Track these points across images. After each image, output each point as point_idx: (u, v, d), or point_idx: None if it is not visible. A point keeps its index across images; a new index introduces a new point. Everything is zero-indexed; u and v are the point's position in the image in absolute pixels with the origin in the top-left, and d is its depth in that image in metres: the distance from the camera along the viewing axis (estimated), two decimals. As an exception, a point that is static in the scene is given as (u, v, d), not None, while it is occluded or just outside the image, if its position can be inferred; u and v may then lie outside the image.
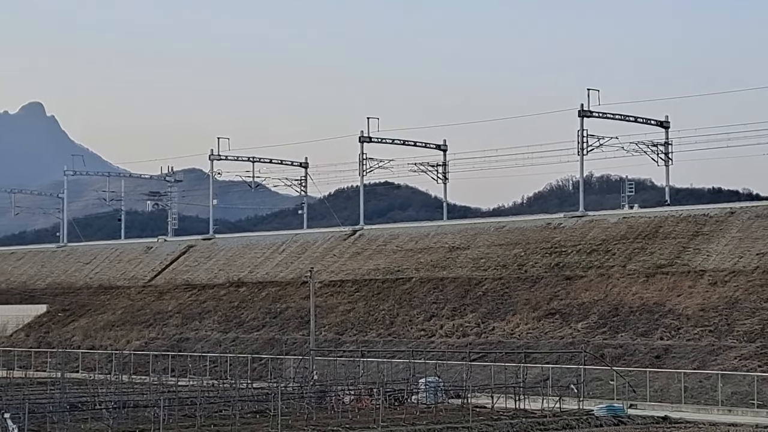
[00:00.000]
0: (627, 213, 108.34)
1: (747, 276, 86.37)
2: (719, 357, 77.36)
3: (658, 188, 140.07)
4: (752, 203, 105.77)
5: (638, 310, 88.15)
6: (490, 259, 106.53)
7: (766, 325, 79.72)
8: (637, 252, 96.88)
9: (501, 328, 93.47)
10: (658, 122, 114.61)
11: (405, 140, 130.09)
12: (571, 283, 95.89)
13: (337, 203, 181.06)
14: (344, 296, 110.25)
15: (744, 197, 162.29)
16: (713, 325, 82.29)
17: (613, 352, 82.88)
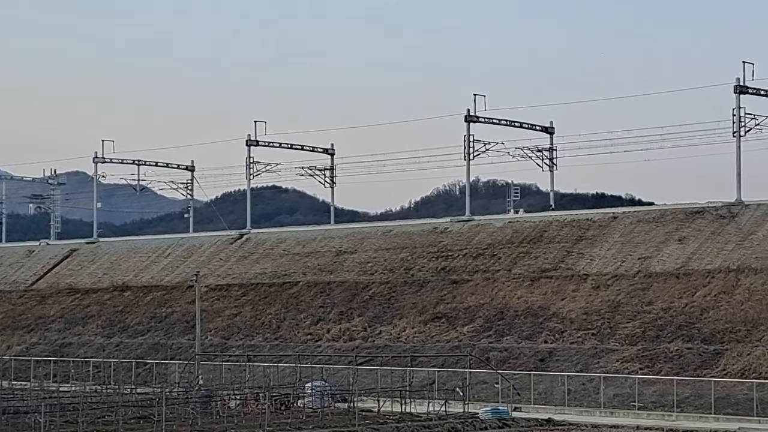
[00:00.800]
0: (512, 218, 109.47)
1: (629, 280, 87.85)
2: (602, 360, 78.53)
3: (544, 193, 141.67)
4: (634, 208, 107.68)
5: (523, 313, 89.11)
6: (377, 264, 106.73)
7: (647, 328, 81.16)
8: (523, 256, 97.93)
9: (388, 332, 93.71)
10: (543, 128, 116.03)
11: (293, 144, 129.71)
12: (458, 287, 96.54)
13: (224, 207, 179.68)
14: (231, 300, 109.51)
15: (626, 202, 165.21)
16: (596, 329, 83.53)
17: (498, 355, 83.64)
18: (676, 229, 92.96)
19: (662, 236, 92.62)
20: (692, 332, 79.02)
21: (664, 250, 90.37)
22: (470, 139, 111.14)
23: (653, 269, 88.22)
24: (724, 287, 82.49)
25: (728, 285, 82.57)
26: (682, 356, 75.48)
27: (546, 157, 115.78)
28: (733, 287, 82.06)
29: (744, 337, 76.18)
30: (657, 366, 75.36)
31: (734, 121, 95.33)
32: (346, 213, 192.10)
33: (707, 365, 73.62)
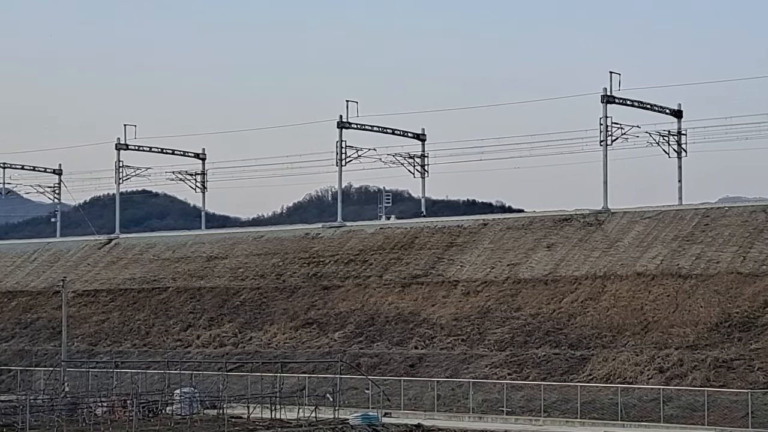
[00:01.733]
0: (384, 224, 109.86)
1: (498, 286, 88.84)
2: (471, 365, 79.25)
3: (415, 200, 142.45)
4: (504, 215, 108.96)
5: (394, 319, 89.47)
6: (248, 269, 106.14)
7: (515, 333, 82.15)
8: (394, 262, 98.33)
9: (258, 338, 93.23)
10: (414, 135, 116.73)
11: (163, 148, 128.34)
12: (329, 292, 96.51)
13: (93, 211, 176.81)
14: (98, 306, 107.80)
15: (497, 209, 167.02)
16: (466, 334, 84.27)
17: (369, 361, 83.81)
18: (545, 236, 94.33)
19: (531, 243, 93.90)
20: (559, 338, 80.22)
21: (533, 257, 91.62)
22: (342, 146, 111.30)
23: (522, 275, 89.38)
24: (590, 293, 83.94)
25: (595, 291, 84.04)
26: (550, 362, 76.58)
27: (418, 164, 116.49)
28: (599, 293, 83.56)
29: (609, 343, 77.60)
30: (525, 371, 76.33)
31: (601, 131, 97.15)
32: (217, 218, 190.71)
33: (574, 370, 74.80)
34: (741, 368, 68.48)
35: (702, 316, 77.24)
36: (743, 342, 72.65)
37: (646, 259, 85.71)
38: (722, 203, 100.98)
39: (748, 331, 73.96)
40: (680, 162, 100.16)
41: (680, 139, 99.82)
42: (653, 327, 78.04)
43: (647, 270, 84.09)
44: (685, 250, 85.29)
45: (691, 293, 79.87)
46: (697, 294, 79.46)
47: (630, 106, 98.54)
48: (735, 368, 68.68)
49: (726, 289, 78.70)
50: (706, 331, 75.58)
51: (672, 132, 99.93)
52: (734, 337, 73.81)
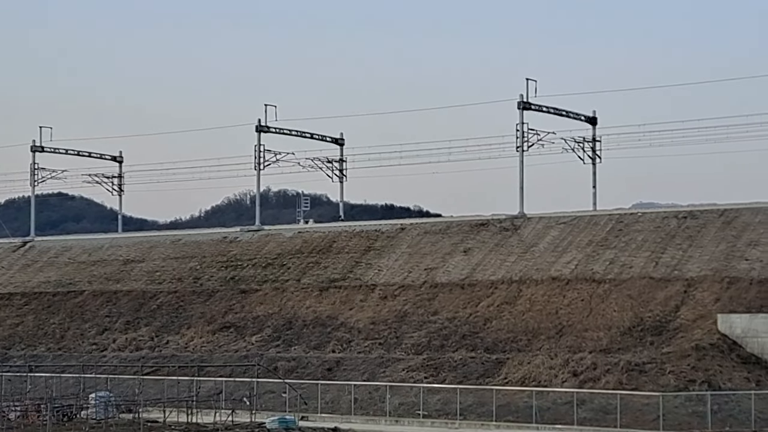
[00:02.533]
0: (302, 228, 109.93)
1: (415, 290, 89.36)
2: (388, 369, 79.60)
3: (334, 204, 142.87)
4: (422, 220, 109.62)
5: (312, 323, 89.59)
6: (165, 272, 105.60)
7: (432, 337, 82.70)
8: (312, 266, 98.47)
9: (175, 342, 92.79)
10: (333, 139, 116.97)
11: (80, 151, 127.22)
12: (247, 296, 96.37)
13: (7, 214, 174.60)
14: (12, 309, 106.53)
15: (415, 214, 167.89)
16: (383, 338, 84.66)
17: (286, 365, 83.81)
18: (462, 240, 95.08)
19: (448, 247, 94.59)
20: (476, 342, 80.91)
21: (450, 261, 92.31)
22: (261, 149, 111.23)
23: (439, 280, 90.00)
24: (506, 298, 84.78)
25: (510, 295, 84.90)
26: (466, 365, 77.21)
27: (336, 168, 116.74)
28: (515, 298, 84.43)
29: (525, 347, 78.43)
30: (441, 375, 76.85)
31: (518, 137, 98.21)
32: (134, 221, 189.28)
33: (489, 374, 75.45)
34: (653, 371, 69.61)
35: (615, 320, 78.40)
36: (655, 346, 73.86)
37: (561, 264, 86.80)
38: (636, 209, 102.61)
39: (660, 335, 75.23)
40: (595, 168, 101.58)
41: (595, 145, 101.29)
42: (568, 331, 79.04)
43: (562, 275, 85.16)
44: (599, 255, 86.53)
45: (604, 298, 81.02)
46: (610, 298, 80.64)
47: (546, 113, 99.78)
48: (647, 371, 69.79)
49: (639, 293, 79.98)
50: (619, 335, 76.71)
51: (587, 138, 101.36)
52: (646, 340, 75.03)
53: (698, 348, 71.22)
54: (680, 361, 70.13)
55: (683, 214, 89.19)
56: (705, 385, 67.54)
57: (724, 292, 76.99)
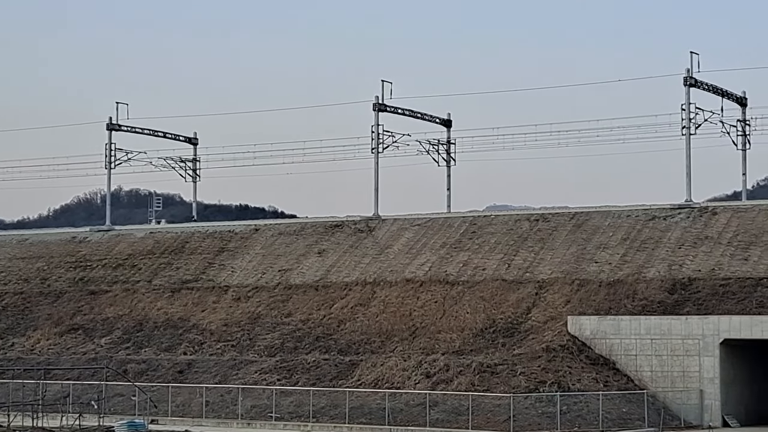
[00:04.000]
0: (154, 228, 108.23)
1: (269, 292, 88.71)
2: (241, 371, 78.80)
3: (187, 204, 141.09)
4: (276, 221, 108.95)
5: (163, 325, 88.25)
6: (11, 273, 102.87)
7: (285, 339, 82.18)
8: (164, 267, 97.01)
9: (21, 344, 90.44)
10: (186, 138, 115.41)
11: None
12: (96, 297, 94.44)
13: None
14: None
15: (269, 214, 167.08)
16: (236, 340, 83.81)
17: (136, 367, 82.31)
18: (316, 242, 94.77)
19: (302, 249, 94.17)
20: (329, 343, 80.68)
21: (304, 263, 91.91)
22: (112, 148, 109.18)
23: (293, 281, 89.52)
24: (360, 299, 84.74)
25: (365, 297, 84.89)
26: (319, 367, 76.88)
27: (189, 168, 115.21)
28: (369, 299, 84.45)
29: (378, 348, 78.48)
30: (295, 377, 76.39)
31: (373, 138, 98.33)
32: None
33: (343, 376, 75.27)
34: (504, 373, 70.25)
35: (468, 321, 79.00)
36: (507, 347, 74.61)
37: (415, 266, 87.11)
38: (489, 211, 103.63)
39: (512, 337, 76.03)
40: (449, 170, 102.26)
41: (449, 148, 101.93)
42: (421, 332, 79.35)
43: (416, 276, 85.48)
44: (453, 257, 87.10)
45: (458, 299, 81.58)
46: (463, 300, 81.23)
47: (402, 115, 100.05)
48: (499, 373, 70.42)
49: (491, 295, 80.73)
50: (471, 337, 77.33)
51: (441, 141, 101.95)
52: (498, 342, 75.75)
53: (549, 349, 72.17)
54: (531, 362, 70.95)
55: (535, 216, 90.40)
56: (555, 386, 68.44)
57: (575, 294, 78.20)
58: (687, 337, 70.06)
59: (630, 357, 71.65)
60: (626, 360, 71.65)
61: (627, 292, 76.63)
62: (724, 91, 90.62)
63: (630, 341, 71.82)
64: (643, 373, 70.89)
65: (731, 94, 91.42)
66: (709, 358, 69.27)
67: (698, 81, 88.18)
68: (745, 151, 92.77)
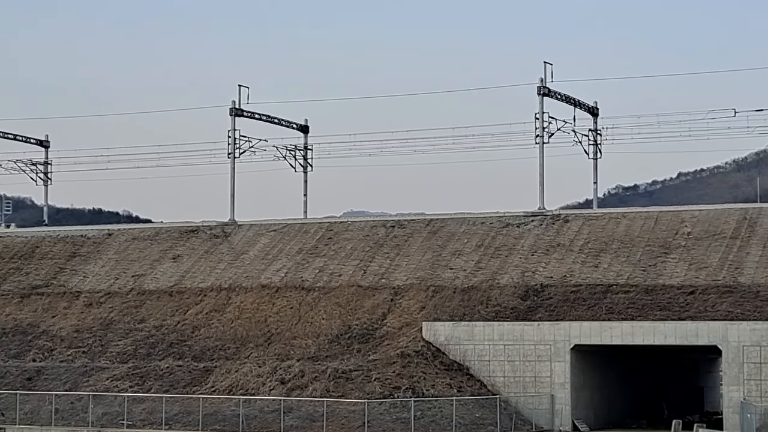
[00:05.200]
0: (3, 232, 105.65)
1: (122, 297, 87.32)
2: (92, 378, 77.35)
3: (38, 207, 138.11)
4: (130, 226, 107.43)
5: (11, 331, 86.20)
6: None
7: (138, 345, 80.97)
8: (13, 272, 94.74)
9: None
10: (38, 141, 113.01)
11: None
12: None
13: None
14: None
15: (124, 219, 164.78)
16: (87, 347, 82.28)
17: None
18: (171, 247, 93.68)
19: (157, 254, 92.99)
20: (183, 350, 79.76)
21: (159, 268, 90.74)
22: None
23: (147, 287, 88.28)
24: (215, 305, 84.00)
25: (219, 303, 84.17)
26: (173, 374, 75.94)
27: (41, 171, 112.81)
28: (224, 305, 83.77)
29: (233, 354, 77.87)
30: (147, 384, 75.28)
31: (229, 143, 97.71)
32: None
33: (197, 382, 74.47)
34: (359, 379, 70.34)
35: (323, 327, 78.93)
36: (362, 353, 74.74)
37: (270, 272, 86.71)
38: (346, 217, 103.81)
39: (367, 343, 76.19)
40: (306, 176, 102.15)
41: (306, 154, 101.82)
42: (276, 339, 79.01)
43: (272, 282, 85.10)
44: (309, 263, 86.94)
45: (313, 305, 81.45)
46: (319, 306, 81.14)
47: (259, 120, 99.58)
48: (353, 379, 70.48)
49: (347, 301, 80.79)
50: (327, 343, 77.26)
51: (299, 147, 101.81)
52: (353, 348, 75.83)
53: (403, 355, 72.50)
54: (386, 368, 71.19)
55: (392, 223, 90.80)
56: (409, 392, 68.79)
57: (430, 300, 78.74)
58: (539, 343, 71.14)
59: (483, 362, 72.42)
60: (480, 365, 72.40)
61: (481, 298, 77.48)
62: (576, 101, 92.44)
63: (483, 347, 72.60)
64: (496, 379, 71.73)
65: (583, 104, 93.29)
66: (560, 364, 70.45)
67: (552, 91, 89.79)
68: (597, 160, 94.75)
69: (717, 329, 67.45)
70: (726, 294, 71.94)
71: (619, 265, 77.79)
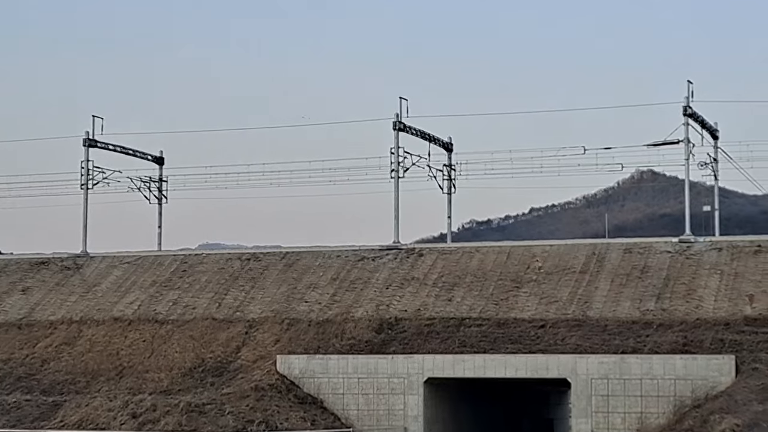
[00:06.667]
0: None
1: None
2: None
3: None
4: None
5: None
6: None
7: (-15, 380, 79.11)
8: None
9: None
10: None
11: None
12: None
13: None
14: None
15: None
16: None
17: None
18: (21, 279, 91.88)
19: (6, 286, 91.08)
20: (32, 384, 78.12)
21: (7, 301, 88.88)
22: None
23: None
24: (66, 338, 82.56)
25: (70, 336, 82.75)
26: (20, 408, 74.26)
27: None
28: (75, 338, 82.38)
29: (83, 388, 76.55)
30: (-7, 419, 73.48)
31: (82, 174, 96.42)
32: None
33: (45, 417, 72.94)
34: (212, 412, 69.76)
35: (177, 361, 78.20)
36: (215, 386, 74.19)
37: (123, 304, 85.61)
38: (201, 250, 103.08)
39: (221, 376, 75.68)
40: (161, 208, 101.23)
41: (161, 185, 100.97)
42: (128, 372, 77.96)
43: (124, 315, 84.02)
44: (163, 296, 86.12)
45: (167, 338, 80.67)
46: (173, 339, 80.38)
47: (113, 151, 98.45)
48: (206, 412, 69.85)
49: (201, 334, 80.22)
50: (180, 376, 76.53)
51: (153, 178, 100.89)
52: (207, 381, 75.23)
53: (257, 389, 72.21)
54: (239, 401, 70.78)
55: (247, 255, 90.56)
56: (263, 425, 68.50)
57: (284, 333, 78.65)
58: (392, 376, 71.56)
59: (338, 396, 72.54)
60: (334, 399, 72.49)
61: (336, 331, 77.67)
62: (431, 137, 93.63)
63: (338, 380, 72.73)
64: (350, 412, 71.88)
65: (438, 139, 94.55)
66: (414, 397, 70.96)
67: (407, 126, 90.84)
68: (451, 195, 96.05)
69: (566, 362, 68.84)
70: (575, 328, 73.45)
71: (472, 299, 78.82)
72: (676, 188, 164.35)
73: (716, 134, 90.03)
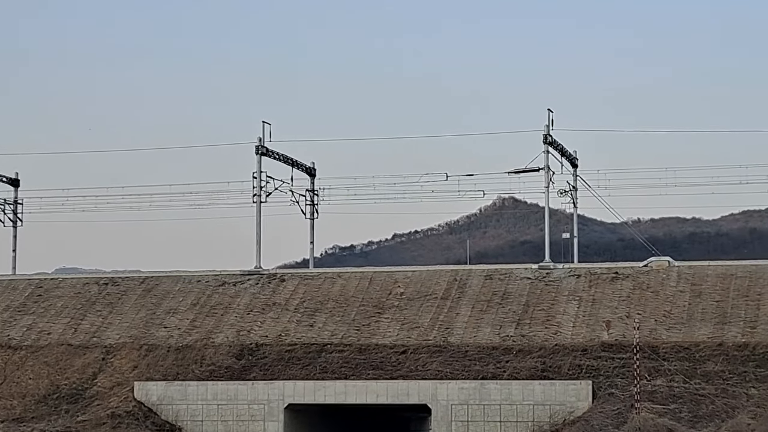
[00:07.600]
0: None
1: None
2: None
3: None
4: None
5: None
6: None
7: None
8: None
9: None
10: None
11: None
12: None
13: None
14: None
15: None
16: None
17: None
18: None
19: None
20: None
21: None
22: None
23: None
24: None
25: None
26: None
27: None
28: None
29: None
30: None
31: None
32: None
33: None
34: (67, 441, 68.32)
35: (30, 388, 76.35)
36: (70, 414, 72.58)
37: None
38: (58, 274, 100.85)
39: (76, 403, 74.04)
40: (15, 231, 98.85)
41: (16, 208, 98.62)
42: (-21, 400, 75.81)
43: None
44: (17, 321, 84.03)
45: (20, 365, 78.73)
46: (26, 365, 78.46)
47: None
48: (61, 441, 68.43)
49: (56, 360, 78.42)
50: (33, 404, 74.72)
51: (8, 201, 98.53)
52: (62, 409, 73.53)
53: (114, 416, 70.83)
54: (95, 429, 69.38)
55: (105, 280, 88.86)
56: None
57: (143, 359, 77.30)
58: (253, 402, 70.84)
59: (197, 422, 71.52)
60: (192, 426, 71.46)
61: (195, 357, 76.60)
62: (294, 161, 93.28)
63: (197, 407, 71.69)
64: (209, 439, 71.01)
65: (301, 164, 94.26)
66: (274, 423, 70.36)
67: (270, 150, 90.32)
68: (313, 220, 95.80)
69: (427, 388, 68.97)
70: (436, 353, 73.64)
71: (333, 325, 78.50)
72: (537, 215, 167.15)
73: (575, 162, 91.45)
